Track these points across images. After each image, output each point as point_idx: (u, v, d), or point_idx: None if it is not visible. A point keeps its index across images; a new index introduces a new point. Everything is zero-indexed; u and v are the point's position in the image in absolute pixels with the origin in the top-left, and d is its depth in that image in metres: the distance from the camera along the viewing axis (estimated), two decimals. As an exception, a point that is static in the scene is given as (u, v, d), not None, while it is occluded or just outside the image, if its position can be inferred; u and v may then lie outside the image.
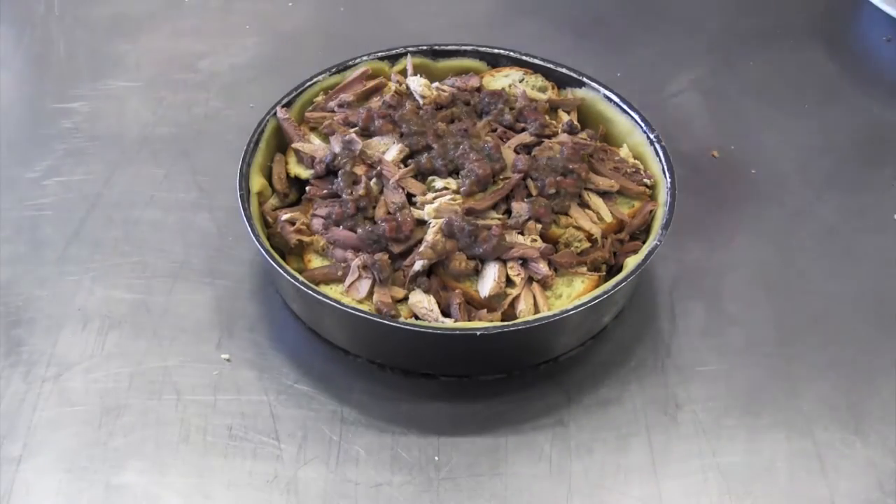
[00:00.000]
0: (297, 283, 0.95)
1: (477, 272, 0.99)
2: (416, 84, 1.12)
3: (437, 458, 0.94)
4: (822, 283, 1.10)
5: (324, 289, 0.98)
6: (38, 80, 1.35)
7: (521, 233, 1.00)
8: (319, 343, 1.03)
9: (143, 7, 1.46)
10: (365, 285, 0.97)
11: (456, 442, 0.96)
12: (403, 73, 1.16)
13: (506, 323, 0.94)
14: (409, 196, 1.02)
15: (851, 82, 1.36)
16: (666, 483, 0.93)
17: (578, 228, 1.02)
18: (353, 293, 0.98)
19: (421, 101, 1.10)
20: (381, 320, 0.93)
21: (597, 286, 0.98)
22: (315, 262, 1.02)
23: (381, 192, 1.03)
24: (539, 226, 1.01)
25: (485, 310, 0.97)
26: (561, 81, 1.17)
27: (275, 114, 1.10)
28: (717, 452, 0.95)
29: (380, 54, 1.18)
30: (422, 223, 1.00)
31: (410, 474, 0.93)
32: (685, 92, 1.34)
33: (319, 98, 1.14)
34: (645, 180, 1.07)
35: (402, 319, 0.95)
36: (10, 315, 1.05)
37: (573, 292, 0.98)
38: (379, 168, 1.03)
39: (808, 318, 1.06)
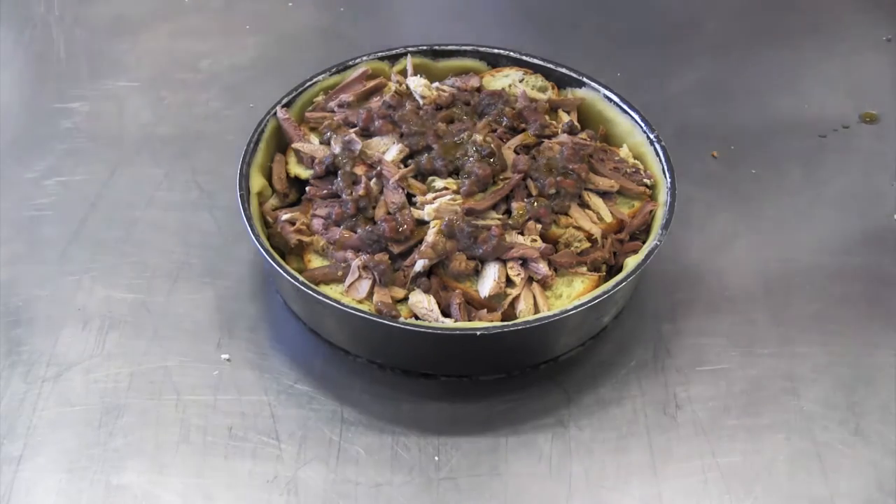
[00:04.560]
0: (297, 283, 0.95)
1: (477, 272, 0.99)
2: (416, 84, 1.12)
3: (437, 458, 0.94)
4: (822, 283, 1.10)
5: (324, 289, 0.98)
6: (38, 80, 1.35)
7: (521, 233, 1.00)
8: (319, 343, 1.03)
9: (143, 7, 1.46)
10: (365, 285, 0.97)
11: (456, 442, 0.96)
12: (403, 73, 1.16)
13: (506, 323, 0.94)
14: (409, 196, 1.02)
15: (851, 82, 1.36)
16: (666, 483, 0.93)
17: (578, 228, 1.02)
18: (353, 293, 0.98)
19: (421, 102, 1.10)
20: (381, 320, 0.93)
21: (597, 286, 0.98)
22: (315, 262, 1.02)
23: (381, 192, 1.03)
24: (539, 226, 1.01)
25: (485, 310, 0.97)
26: (561, 81, 1.17)
27: (275, 114, 1.10)
28: (717, 452, 0.95)
29: (380, 54, 1.18)
30: (422, 223, 1.00)
31: (410, 474, 0.93)
32: (685, 92, 1.34)
33: (319, 98, 1.14)
34: (645, 180, 1.07)
35: (402, 319, 0.95)
36: (10, 315, 1.05)
37: (573, 292, 0.99)
38: (379, 168, 1.03)
39: (808, 318, 1.06)
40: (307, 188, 1.07)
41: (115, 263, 1.10)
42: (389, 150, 1.05)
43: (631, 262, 0.98)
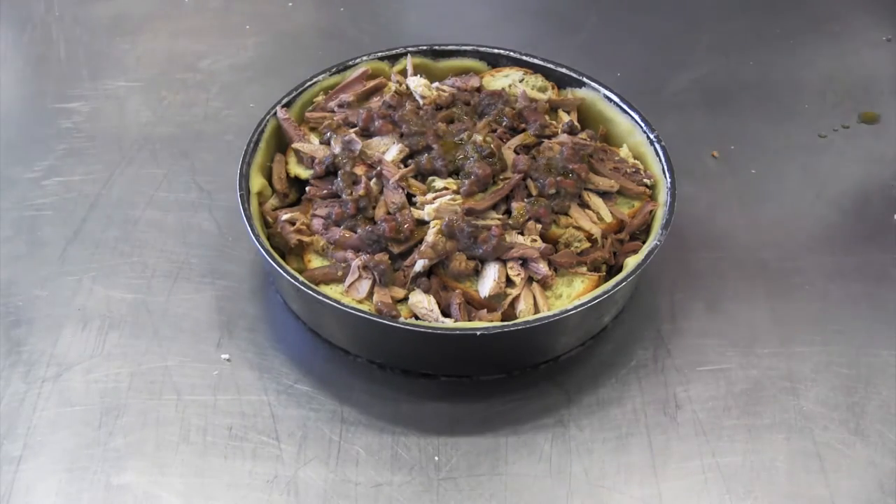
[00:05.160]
0: (297, 283, 0.95)
1: (477, 272, 0.99)
2: (416, 84, 1.12)
3: (437, 458, 0.94)
4: (822, 283, 1.10)
5: (324, 289, 0.98)
6: (38, 80, 1.35)
7: (521, 233, 1.00)
8: (319, 343, 1.03)
9: (143, 7, 1.46)
10: (365, 285, 0.97)
11: (456, 442, 0.96)
12: (403, 73, 1.16)
13: (506, 323, 0.94)
14: (409, 196, 1.02)
15: (851, 82, 1.36)
16: (666, 483, 0.93)
17: (578, 228, 1.02)
18: (353, 293, 0.98)
19: (421, 102, 1.10)
20: (381, 320, 0.93)
21: (597, 286, 0.98)
22: (315, 262, 1.02)
23: (381, 192, 1.03)
24: (539, 226, 1.01)
25: (485, 310, 0.97)
26: (561, 81, 1.17)
27: (275, 114, 1.10)
28: (717, 452, 0.95)
29: (380, 54, 1.18)
30: (422, 223, 1.00)
31: (410, 474, 0.93)
32: (685, 92, 1.34)
33: (319, 98, 1.14)
34: (645, 180, 1.07)
35: (402, 319, 0.95)
36: (10, 315, 1.05)
37: (573, 292, 0.99)
38: (379, 168, 1.03)
39: (808, 318, 1.06)
40: (307, 188, 1.07)
41: (114, 263, 1.10)
42: (389, 150, 1.05)
43: (631, 262, 0.98)
